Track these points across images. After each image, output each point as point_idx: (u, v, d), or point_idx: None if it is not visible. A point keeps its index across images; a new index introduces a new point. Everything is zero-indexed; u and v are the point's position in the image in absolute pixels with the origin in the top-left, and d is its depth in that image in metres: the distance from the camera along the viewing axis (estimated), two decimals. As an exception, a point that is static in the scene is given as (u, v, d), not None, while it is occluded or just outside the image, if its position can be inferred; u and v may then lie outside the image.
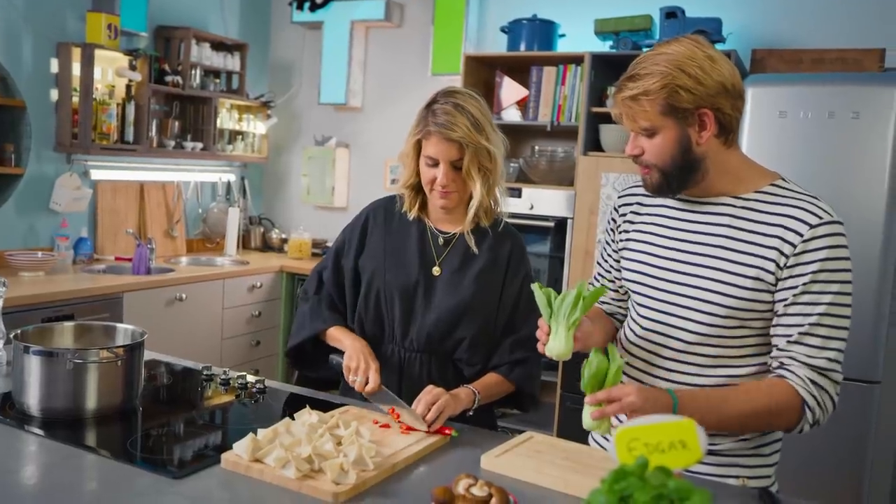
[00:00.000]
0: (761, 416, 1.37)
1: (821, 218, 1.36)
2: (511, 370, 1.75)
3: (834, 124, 2.86)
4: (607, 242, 1.69)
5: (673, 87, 1.35)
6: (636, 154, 1.45)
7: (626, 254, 1.60)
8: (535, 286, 1.47)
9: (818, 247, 1.35)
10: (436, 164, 1.71)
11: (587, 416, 1.36)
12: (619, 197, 1.67)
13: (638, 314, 1.57)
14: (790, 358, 1.37)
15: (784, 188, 1.43)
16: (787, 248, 1.37)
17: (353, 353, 1.70)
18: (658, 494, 0.74)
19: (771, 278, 1.38)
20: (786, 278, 1.37)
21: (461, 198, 1.76)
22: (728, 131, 1.41)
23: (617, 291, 1.69)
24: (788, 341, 1.37)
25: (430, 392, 1.59)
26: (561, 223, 3.57)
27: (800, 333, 1.36)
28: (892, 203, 2.78)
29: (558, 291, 1.44)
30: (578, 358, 1.42)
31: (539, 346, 1.44)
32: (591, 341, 1.46)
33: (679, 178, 1.43)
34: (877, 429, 2.83)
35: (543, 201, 3.61)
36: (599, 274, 1.72)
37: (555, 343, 1.39)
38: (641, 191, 1.60)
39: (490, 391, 1.73)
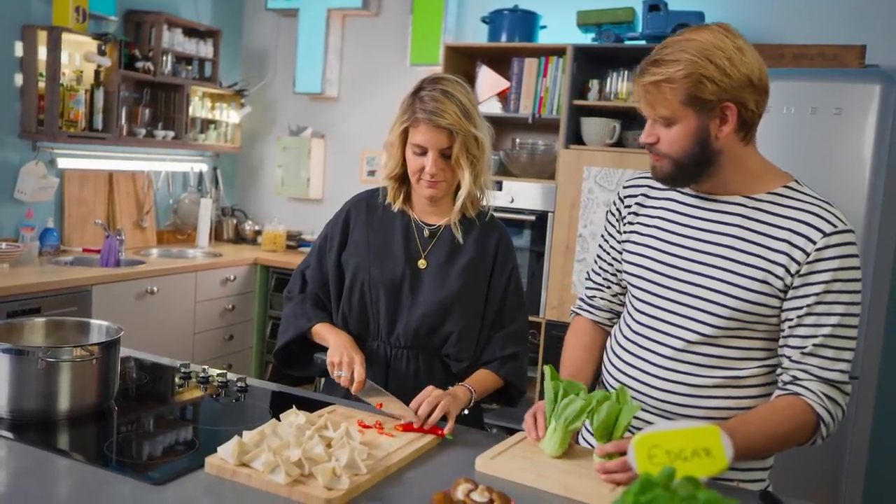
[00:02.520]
0: (784, 438, 1.35)
1: (835, 226, 1.33)
2: (502, 366, 1.72)
3: (816, 120, 2.86)
4: (609, 234, 1.63)
5: (698, 76, 1.29)
6: (651, 142, 1.40)
7: (628, 247, 1.55)
8: (547, 370, 1.44)
9: (831, 256, 1.32)
10: (424, 152, 1.65)
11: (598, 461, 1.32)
12: (625, 188, 1.61)
13: (636, 309, 1.52)
14: (803, 371, 1.35)
15: (798, 191, 1.40)
16: (798, 255, 1.33)
17: (336, 348, 1.65)
18: (687, 507, 0.70)
19: (779, 283, 1.35)
20: (798, 286, 1.34)
21: (449, 187, 1.71)
22: (748, 127, 1.37)
23: (618, 285, 1.64)
24: (802, 353, 1.35)
25: (429, 393, 1.53)
26: (542, 217, 3.54)
27: (814, 345, 1.33)
28: (873, 199, 2.79)
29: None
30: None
31: (532, 434, 1.45)
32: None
33: (692, 171, 1.39)
34: (855, 425, 2.85)
35: (524, 194, 3.57)
36: (601, 267, 1.66)
37: (550, 444, 1.41)
38: (648, 182, 1.56)
39: (483, 388, 1.69)
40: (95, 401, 1.52)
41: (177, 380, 1.81)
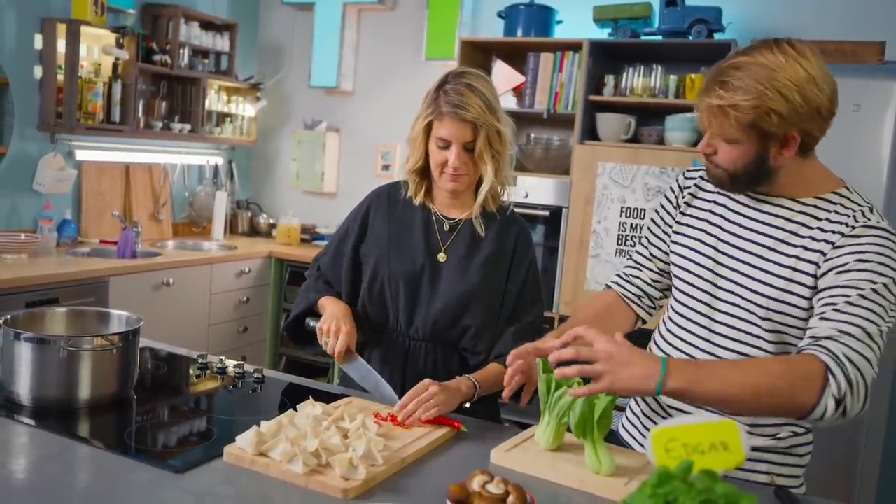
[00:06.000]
0: (775, 387, 1.20)
1: (866, 222, 1.31)
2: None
3: (835, 116, 2.84)
4: (661, 219, 1.62)
5: (765, 108, 1.25)
6: (708, 153, 1.38)
7: (678, 238, 1.55)
8: (539, 363, 1.44)
9: (859, 243, 1.29)
10: (447, 145, 1.66)
11: (591, 457, 1.33)
12: (685, 177, 1.60)
13: (678, 301, 1.53)
14: (818, 333, 1.26)
15: (845, 197, 1.37)
16: (827, 249, 1.32)
17: (328, 316, 1.69)
18: (705, 499, 0.70)
19: (810, 281, 1.33)
20: (825, 272, 1.31)
21: (471, 181, 1.72)
22: (809, 148, 1.34)
23: (657, 271, 1.64)
24: (820, 318, 1.28)
25: (423, 389, 1.53)
26: (556, 212, 3.54)
27: (833, 310, 1.26)
28: (891, 195, 2.78)
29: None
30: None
31: (505, 394, 1.47)
32: None
33: (746, 184, 1.39)
34: (868, 421, 2.84)
35: (538, 190, 3.57)
36: (645, 247, 1.66)
37: (544, 436, 1.42)
38: (704, 174, 1.55)
39: (491, 382, 1.68)
40: (115, 389, 1.54)
41: (194, 370, 1.83)
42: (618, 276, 1.71)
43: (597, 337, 1.26)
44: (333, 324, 1.65)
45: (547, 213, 3.54)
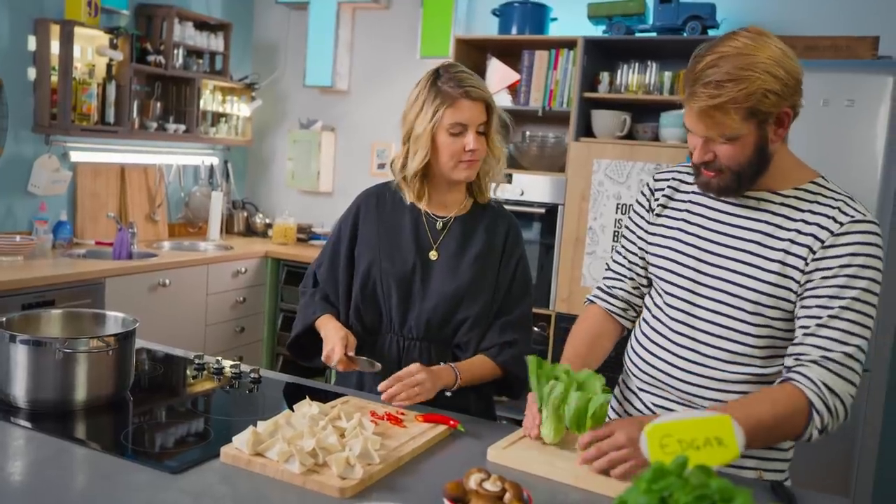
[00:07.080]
0: (766, 428, 1.27)
1: (852, 217, 1.34)
2: (499, 352, 1.71)
3: (828, 112, 2.85)
4: (636, 224, 1.61)
5: (762, 92, 1.28)
6: (708, 160, 1.37)
7: (656, 239, 1.55)
8: (531, 361, 1.45)
9: (847, 242, 1.32)
10: (463, 130, 1.68)
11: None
12: (656, 179, 1.60)
13: (664, 302, 1.52)
14: (803, 354, 1.32)
15: (824, 187, 1.40)
16: (816, 245, 1.34)
17: (325, 343, 1.69)
18: (700, 495, 0.71)
19: (799, 276, 1.35)
20: (811, 271, 1.34)
21: (478, 169, 1.75)
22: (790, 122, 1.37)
23: (640, 277, 1.62)
24: (805, 333, 1.33)
25: (410, 373, 1.56)
26: (551, 209, 3.54)
27: (817, 325, 1.31)
28: (886, 191, 2.78)
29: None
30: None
31: (532, 432, 1.45)
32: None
33: (751, 179, 1.39)
34: (865, 416, 2.84)
35: (534, 187, 3.57)
36: (624, 257, 1.64)
37: (546, 431, 1.43)
38: (678, 175, 1.55)
39: (473, 371, 1.69)
40: (111, 391, 1.54)
41: (190, 371, 1.83)
42: (599, 289, 1.69)
43: (611, 428, 1.30)
44: (328, 347, 1.67)
45: (543, 210, 3.55)
